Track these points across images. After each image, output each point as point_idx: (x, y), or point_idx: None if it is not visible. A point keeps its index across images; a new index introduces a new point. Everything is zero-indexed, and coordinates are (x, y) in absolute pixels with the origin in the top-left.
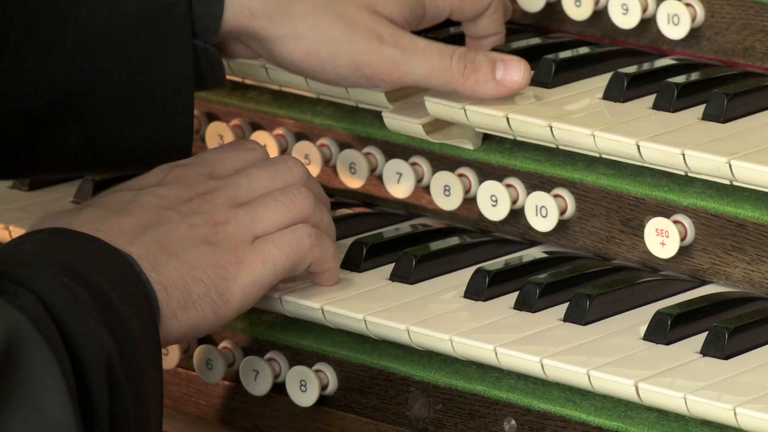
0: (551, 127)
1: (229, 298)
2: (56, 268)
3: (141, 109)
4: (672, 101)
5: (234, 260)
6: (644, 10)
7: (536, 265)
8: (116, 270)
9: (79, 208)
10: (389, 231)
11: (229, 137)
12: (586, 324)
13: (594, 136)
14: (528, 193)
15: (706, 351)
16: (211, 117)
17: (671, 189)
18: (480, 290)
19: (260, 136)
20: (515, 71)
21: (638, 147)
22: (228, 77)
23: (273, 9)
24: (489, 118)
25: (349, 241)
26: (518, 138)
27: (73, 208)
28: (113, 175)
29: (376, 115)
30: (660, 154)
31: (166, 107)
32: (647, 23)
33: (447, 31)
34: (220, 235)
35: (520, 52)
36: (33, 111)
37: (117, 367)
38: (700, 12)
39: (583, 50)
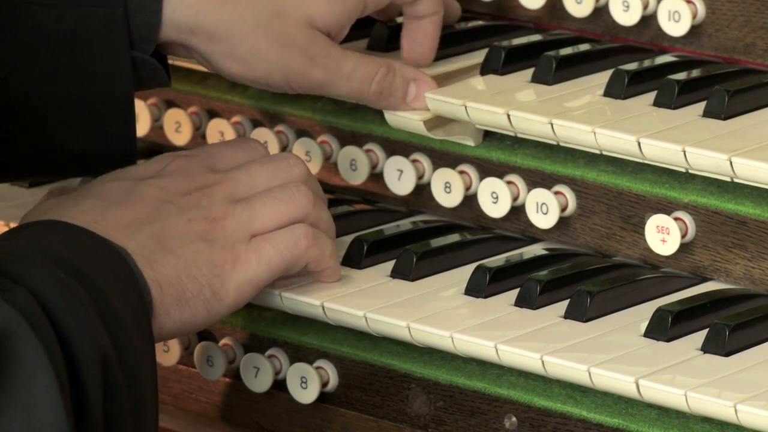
0: (552, 124)
1: (223, 297)
2: (51, 261)
3: (84, 119)
4: (673, 98)
5: (230, 258)
6: (645, 7)
7: (537, 262)
8: (111, 265)
9: (79, 198)
10: (390, 228)
11: (229, 134)
12: (586, 321)
13: (595, 133)
14: (529, 190)
15: (706, 348)
16: (212, 114)
17: (672, 186)
18: (481, 287)
19: (261, 133)
20: (423, 97)
21: (639, 144)
22: None
23: (213, 28)
24: (490, 115)
25: (349, 238)
26: (519, 135)
27: (73, 195)
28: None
29: (377, 112)
30: (661, 151)
31: (109, 116)
32: (648, 20)
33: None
34: (217, 232)
35: (521, 49)
36: None
37: (113, 362)
38: (701, 9)
39: (584, 47)
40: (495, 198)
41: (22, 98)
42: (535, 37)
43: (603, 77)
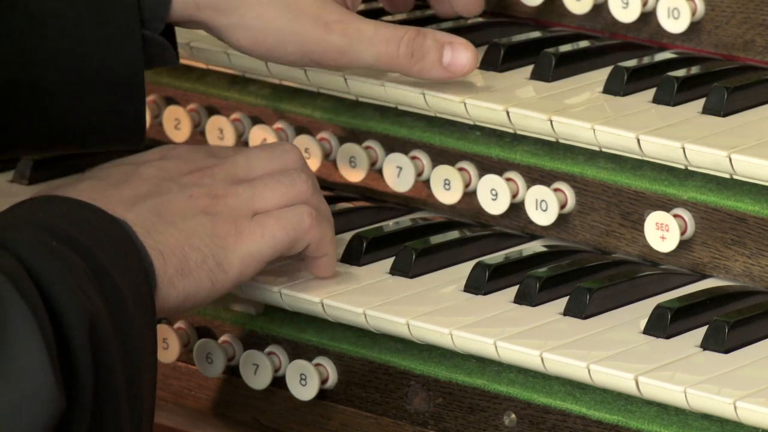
0: (551, 121)
1: (227, 268)
2: (45, 231)
3: (92, 97)
4: (672, 95)
5: (233, 231)
6: (644, 3)
7: (536, 259)
8: (110, 235)
9: (78, 180)
10: (389, 225)
11: (229, 131)
12: (586, 318)
13: (594, 129)
14: (528, 187)
15: (706, 345)
16: (211, 111)
17: (671, 183)
18: (480, 284)
19: (260, 130)
20: (462, 57)
21: (638, 141)
22: (228, 71)
23: (219, 1)
24: (489, 111)
25: (349, 235)
26: (518, 132)
27: (72, 180)
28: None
29: (377, 109)
30: (660, 148)
31: (117, 94)
32: (647, 17)
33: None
34: (219, 207)
35: (520, 46)
36: None
37: (103, 328)
38: (700, 6)
39: (583, 44)
40: (494, 195)
41: (29, 73)
42: (535, 34)
43: (602, 74)
